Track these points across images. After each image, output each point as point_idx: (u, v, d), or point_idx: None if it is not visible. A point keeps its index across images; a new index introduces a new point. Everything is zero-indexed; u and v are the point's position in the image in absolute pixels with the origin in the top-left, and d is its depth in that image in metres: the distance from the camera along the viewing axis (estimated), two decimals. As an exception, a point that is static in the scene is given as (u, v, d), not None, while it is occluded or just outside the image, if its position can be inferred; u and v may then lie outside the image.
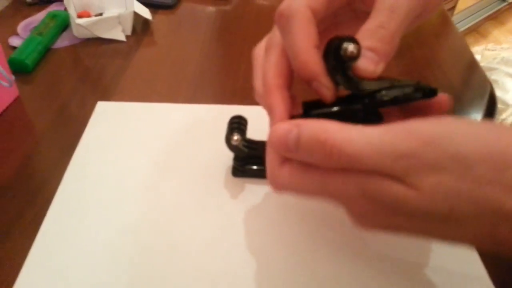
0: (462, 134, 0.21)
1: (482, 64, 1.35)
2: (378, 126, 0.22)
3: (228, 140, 0.37)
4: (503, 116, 1.12)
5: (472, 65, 0.57)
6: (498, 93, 1.19)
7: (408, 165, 0.21)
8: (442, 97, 0.26)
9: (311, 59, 0.25)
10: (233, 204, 0.38)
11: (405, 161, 0.21)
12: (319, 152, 0.22)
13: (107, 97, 0.50)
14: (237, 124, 0.38)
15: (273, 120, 0.27)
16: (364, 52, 0.25)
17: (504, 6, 2.07)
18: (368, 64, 0.25)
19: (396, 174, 0.21)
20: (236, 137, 0.37)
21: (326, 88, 0.26)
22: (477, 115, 0.48)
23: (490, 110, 0.49)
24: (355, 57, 0.25)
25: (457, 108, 0.49)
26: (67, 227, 0.36)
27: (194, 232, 0.36)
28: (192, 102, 0.49)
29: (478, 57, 1.52)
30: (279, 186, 0.26)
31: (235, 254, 0.34)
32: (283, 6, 0.27)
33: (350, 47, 0.24)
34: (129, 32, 0.61)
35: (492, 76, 1.25)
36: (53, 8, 0.66)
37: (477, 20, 1.95)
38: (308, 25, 0.26)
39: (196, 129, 0.46)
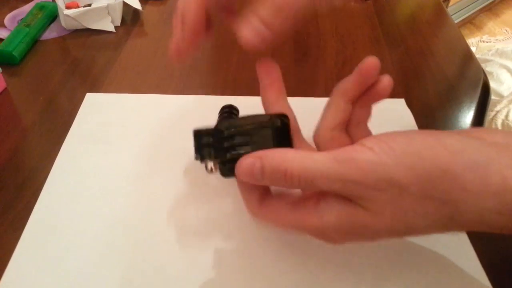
0: (393, 162, 0.23)
1: (477, 56, 1.35)
2: (327, 152, 0.25)
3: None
4: (498, 107, 1.12)
5: (467, 56, 0.57)
6: (493, 84, 1.19)
7: (356, 189, 0.24)
8: (385, 81, 0.29)
9: (194, 15, 0.28)
10: (224, 196, 0.38)
11: (352, 185, 0.24)
12: (281, 180, 0.26)
13: (96, 88, 0.50)
14: (228, 114, 0.37)
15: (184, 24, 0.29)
16: (250, 18, 0.26)
17: (499, -3, 2.07)
18: (252, 34, 0.27)
19: (349, 197, 0.25)
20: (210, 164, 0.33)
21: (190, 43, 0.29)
22: (471, 105, 0.48)
23: (483, 100, 0.49)
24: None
25: (451, 98, 0.49)
26: (55, 219, 0.36)
27: (184, 224, 0.35)
28: (182, 93, 0.49)
29: (473, 49, 1.52)
30: (258, 220, 0.31)
31: (226, 246, 0.34)
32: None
33: (209, 164, 0.29)
34: (118, 23, 0.60)
35: (486, 68, 1.25)
36: (41, -1, 0.64)
37: (471, 12, 1.95)
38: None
39: (187, 120, 0.45)
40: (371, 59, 0.28)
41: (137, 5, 0.61)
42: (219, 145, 0.28)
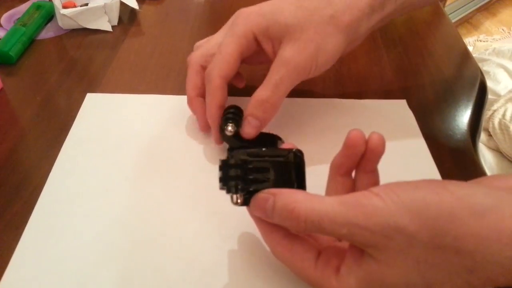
0: (398, 208, 0.23)
1: (474, 55, 1.35)
2: (336, 196, 0.25)
3: (222, 130, 0.37)
4: (495, 107, 1.12)
5: (464, 55, 0.57)
6: (490, 84, 1.19)
7: (363, 235, 0.24)
8: (375, 141, 0.29)
9: (213, 114, 0.38)
10: (224, 197, 0.37)
11: (358, 230, 0.24)
12: (289, 219, 0.26)
13: (93, 88, 0.49)
14: (232, 114, 0.37)
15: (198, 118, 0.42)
16: (250, 119, 0.36)
17: (496, -3, 2.07)
18: (251, 129, 0.36)
19: (359, 245, 0.25)
20: (230, 127, 0.36)
21: (214, 136, 0.40)
22: (468, 104, 0.48)
23: (481, 100, 0.49)
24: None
25: (449, 97, 0.49)
26: (56, 220, 0.36)
27: (184, 225, 0.35)
28: (180, 93, 0.48)
29: (470, 48, 1.53)
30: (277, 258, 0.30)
31: (225, 246, 0.34)
32: (208, 70, 0.38)
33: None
34: (115, 22, 0.60)
35: (484, 67, 1.25)
36: (37, -2, 0.64)
37: (468, 11, 1.95)
38: (217, 91, 0.37)
39: (187, 120, 0.45)
40: (354, 132, 0.28)
41: (134, 4, 0.61)
42: (244, 176, 0.29)
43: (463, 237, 0.22)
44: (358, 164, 0.29)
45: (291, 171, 0.29)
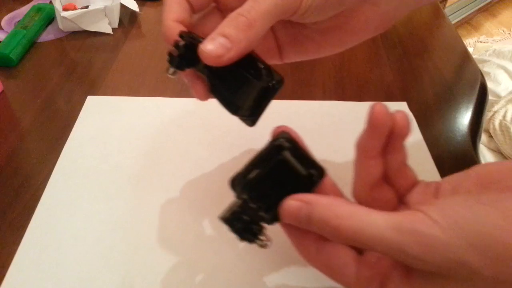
0: (464, 243, 0.21)
1: (474, 56, 1.35)
2: (386, 217, 0.22)
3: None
4: (495, 108, 1.12)
5: (464, 57, 0.57)
6: (490, 85, 1.19)
7: (420, 264, 0.22)
8: (401, 121, 0.26)
9: (167, 30, 0.28)
10: (226, 199, 0.37)
11: (415, 261, 0.21)
12: (331, 234, 0.24)
13: (94, 91, 0.50)
14: (182, 47, 0.28)
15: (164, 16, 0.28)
16: (216, 36, 0.26)
17: (496, -2, 2.07)
18: (216, 47, 0.26)
19: (411, 267, 0.22)
20: (171, 70, 0.29)
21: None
22: (469, 106, 0.48)
23: (481, 101, 0.49)
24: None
25: (449, 99, 0.49)
26: (57, 222, 0.36)
27: (185, 227, 0.35)
28: (180, 95, 0.48)
29: (470, 49, 1.52)
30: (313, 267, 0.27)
31: (227, 250, 0.34)
32: None
33: (262, 238, 0.27)
34: (115, 25, 0.60)
35: (484, 68, 1.25)
36: (38, 1, 0.64)
37: (469, 12, 1.95)
38: (175, 5, 0.28)
39: (187, 122, 0.45)
40: (377, 107, 0.25)
41: (134, 7, 0.61)
42: (254, 213, 0.26)
43: None
44: (385, 143, 0.26)
45: (293, 165, 0.26)
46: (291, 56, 0.34)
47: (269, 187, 0.25)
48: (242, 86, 0.27)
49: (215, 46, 0.26)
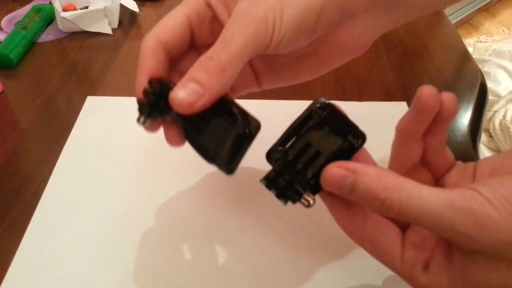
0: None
1: (474, 56, 1.35)
2: (439, 193, 0.22)
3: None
4: (495, 107, 1.12)
5: (464, 57, 0.57)
6: (490, 85, 1.19)
7: (470, 244, 0.21)
8: (448, 103, 0.25)
9: (138, 83, 0.29)
10: (225, 200, 0.37)
11: (466, 240, 0.21)
12: (376, 206, 0.23)
13: (93, 91, 0.50)
14: (152, 95, 0.28)
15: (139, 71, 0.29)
16: (186, 82, 0.25)
17: (496, -2, 2.08)
18: (187, 95, 0.25)
19: (458, 245, 0.22)
20: (142, 118, 0.29)
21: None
22: (468, 106, 0.48)
23: (481, 101, 0.49)
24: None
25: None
26: (56, 223, 0.36)
27: (185, 227, 0.35)
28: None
29: (470, 49, 1.52)
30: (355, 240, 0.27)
31: (226, 249, 0.34)
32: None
33: (306, 198, 0.25)
34: (115, 25, 0.60)
35: (484, 68, 1.25)
36: (37, 1, 0.64)
37: (469, 12, 1.95)
38: (147, 55, 0.28)
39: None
40: (426, 89, 0.24)
41: (134, 7, 0.61)
42: (296, 173, 0.25)
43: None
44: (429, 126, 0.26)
45: (332, 128, 0.25)
46: (269, 83, 0.33)
47: (308, 155, 0.25)
48: (217, 133, 0.26)
49: (187, 93, 0.25)
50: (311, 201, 0.25)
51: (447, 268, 0.23)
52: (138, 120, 0.27)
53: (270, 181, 0.25)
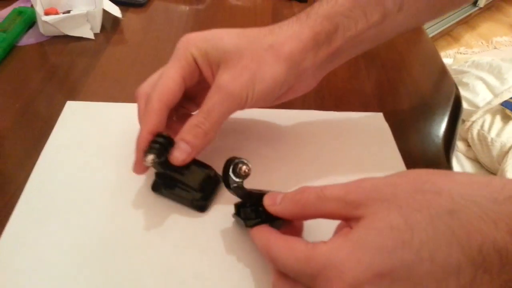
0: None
1: (454, 67, 1.38)
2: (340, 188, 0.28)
3: (144, 156, 0.34)
4: (473, 118, 1.15)
5: (441, 71, 0.58)
6: (469, 95, 1.22)
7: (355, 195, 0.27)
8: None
9: (141, 139, 0.36)
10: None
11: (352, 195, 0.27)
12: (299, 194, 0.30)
13: (73, 96, 0.49)
14: (159, 145, 0.34)
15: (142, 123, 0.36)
16: (179, 143, 0.35)
17: (475, 11, 2.13)
18: (181, 154, 0.35)
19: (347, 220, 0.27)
20: (152, 157, 0.34)
21: (136, 163, 0.36)
22: (443, 118, 0.49)
23: (455, 113, 0.51)
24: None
25: (425, 111, 0.50)
26: (33, 229, 0.36)
27: (164, 233, 0.36)
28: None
29: (450, 60, 1.56)
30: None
31: (208, 254, 0.34)
32: (143, 89, 0.39)
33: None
34: (98, 30, 0.60)
35: (463, 79, 1.28)
36: (19, 4, 0.64)
37: (449, 24, 2.00)
38: (151, 115, 0.35)
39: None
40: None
41: (117, 12, 0.61)
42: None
43: (441, 182, 0.24)
44: None
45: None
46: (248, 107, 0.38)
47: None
48: (196, 176, 0.37)
49: (180, 152, 0.35)
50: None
51: (345, 234, 0.26)
52: (147, 160, 0.34)
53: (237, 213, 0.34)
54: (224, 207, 0.38)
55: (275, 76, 0.36)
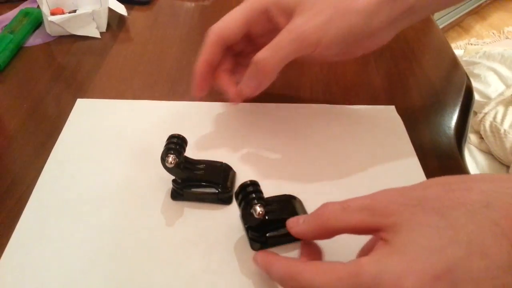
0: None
1: (464, 58, 1.36)
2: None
3: (163, 161, 0.34)
4: (486, 109, 1.13)
5: (452, 61, 0.57)
6: (481, 87, 1.20)
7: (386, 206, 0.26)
8: None
9: (199, 68, 0.40)
10: (214, 205, 0.38)
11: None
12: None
13: (81, 95, 0.49)
14: (174, 144, 0.35)
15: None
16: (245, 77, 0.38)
17: (486, 1, 2.09)
18: (247, 88, 0.39)
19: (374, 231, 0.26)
20: (171, 159, 0.33)
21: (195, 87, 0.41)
22: (455, 109, 0.48)
23: (467, 104, 0.50)
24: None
25: (436, 102, 0.49)
26: (43, 227, 0.36)
27: (172, 230, 0.35)
28: (168, 99, 0.48)
29: (461, 51, 1.53)
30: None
31: (214, 254, 0.34)
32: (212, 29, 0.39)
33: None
34: (104, 29, 0.60)
35: (474, 70, 1.26)
36: (25, 5, 0.64)
37: (459, 15, 1.96)
38: (209, 47, 0.39)
39: (176, 125, 0.45)
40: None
41: (122, 11, 0.61)
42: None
43: (467, 180, 0.24)
44: None
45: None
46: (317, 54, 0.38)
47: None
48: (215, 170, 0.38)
49: (247, 86, 0.39)
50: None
51: (383, 247, 0.25)
52: (168, 161, 0.34)
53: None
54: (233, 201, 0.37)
55: (350, 24, 0.35)
